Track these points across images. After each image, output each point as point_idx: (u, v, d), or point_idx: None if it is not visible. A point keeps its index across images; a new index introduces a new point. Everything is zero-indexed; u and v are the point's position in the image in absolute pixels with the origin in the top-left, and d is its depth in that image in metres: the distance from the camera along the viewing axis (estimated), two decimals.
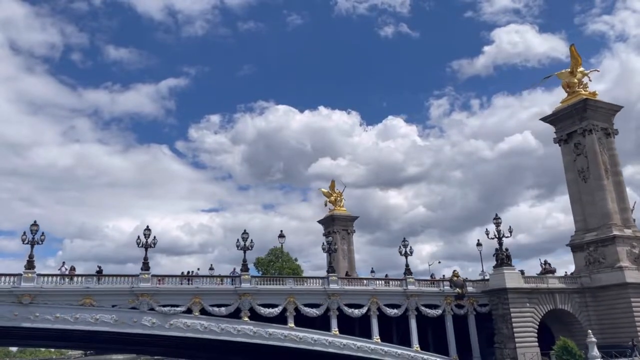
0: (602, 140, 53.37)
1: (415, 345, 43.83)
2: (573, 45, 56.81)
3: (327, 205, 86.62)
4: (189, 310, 38.05)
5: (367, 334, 42.90)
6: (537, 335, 45.24)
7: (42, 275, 35.64)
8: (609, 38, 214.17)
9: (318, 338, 40.42)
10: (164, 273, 42.36)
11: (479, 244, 59.64)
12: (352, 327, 43.45)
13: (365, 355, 41.47)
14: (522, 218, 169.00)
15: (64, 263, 40.68)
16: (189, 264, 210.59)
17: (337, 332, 41.49)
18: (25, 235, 35.91)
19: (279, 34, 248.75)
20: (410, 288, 45.51)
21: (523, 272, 49.76)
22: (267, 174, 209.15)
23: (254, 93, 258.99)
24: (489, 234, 48.07)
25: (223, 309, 38.75)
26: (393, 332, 45.29)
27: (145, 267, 38.11)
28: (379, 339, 42.71)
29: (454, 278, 47.99)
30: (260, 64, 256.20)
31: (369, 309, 43.52)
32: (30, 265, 35.05)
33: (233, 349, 47.19)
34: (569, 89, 55.84)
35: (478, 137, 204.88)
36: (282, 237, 56.51)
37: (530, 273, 50.38)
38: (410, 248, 47.41)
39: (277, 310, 40.15)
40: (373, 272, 61.50)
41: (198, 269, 49.85)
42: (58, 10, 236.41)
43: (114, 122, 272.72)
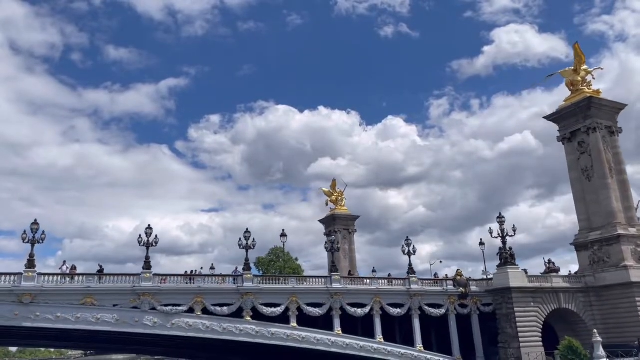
0: (606, 139, 53.02)
1: (419, 345, 43.53)
2: (577, 43, 56.19)
3: (328, 205, 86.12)
4: (191, 310, 37.71)
5: (370, 334, 42.60)
6: (541, 335, 44.94)
7: (42, 275, 35.23)
8: (609, 38, 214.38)
9: (321, 338, 40.13)
10: (164, 273, 41.81)
11: (482, 243, 59.52)
12: (354, 326, 43.11)
13: (369, 355, 41.19)
14: (522, 218, 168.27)
15: (65, 262, 40.41)
16: (189, 264, 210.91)
17: (339, 331, 41.18)
18: (26, 234, 35.50)
19: (279, 34, 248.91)
20: (414, 287, 45.22)
21: (526, 271, 49.45)
22: (267, 174, 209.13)
23: (254, 93, 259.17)
24: (493, 233, 47.88)
25: (225, 309, 38.41)
26: (396, 331, 45.05)
27: (147, 266, 37.74)
28: (382, 339, 42.42)
29: (458, 277, 47.68)
30: (260, 64, 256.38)
31: (372, 309, 43.22)
32: (31, 264, 34.68)
33: (234, 349, 46.85)
34: (573, 87, 55.47)
35: (478, 137, 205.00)
36: (284, 236, 56.30)
37: (531, 273, 50.02)
38: (414, 247, 47.09)
39: (279, 310, 39.81)
40: (374, 271, 61.16)
41: (201, 268, 49.63)
42: (58, 10, 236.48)
43: (114, 122, 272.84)
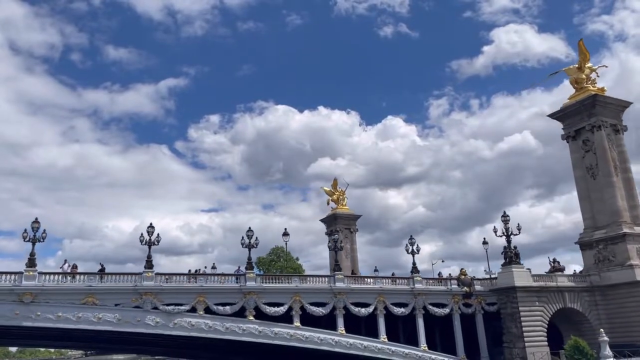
0: (611, 137, 52.53)
1: (423, 345, 43.15)
2: (581, 40, 55.83)
3: (329, 204, 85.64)
4: (193, 309, 37.30)
5: (373, 334, 42.20)
6: (546, 335, 44.55)
7: (43, 274, 34.79)
8: (608, 38, 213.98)
9: (324, 337, 39.72)
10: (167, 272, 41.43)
11: (485, 242, 59.29)
12: (358, 326, 42.69)
13: (372, 355, 40.79)
14: (521, 218, 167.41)
15: (66, 261, 40.06)
16: (189, 264, 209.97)
17: (343, 331, 40.77)
18: (27, 233, 35.04)
19: (279, 34, 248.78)
20: (418, 287, 44.84)
21: (530, 270, 49.02)
22: (266, 174, 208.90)
23: (254, 93, 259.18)
24: (497, 232, 47.50)
25: (228, 308, 38.02)
26: (400, 331, 44.58)
27: (149, 265, 37.30)
28: (386, 339, 42.03)
29: (462, 276, 47.33)
30: (260, 64, 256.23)
31: (376, 308, 42.81)
32: (32, 263, 34.25)
33: (236, 349, 46.45)
34: (577, 85, 54.89)
35: (477, 137, 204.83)
36: (286, 235, 56.05)
37: (533, 273, 49.52)
38: (417, 246, 46.73)
39: (282, 309, 39.41)
40: (377, 270, 60.81)
41: (205, 267, 49.34)
42: (57, 11, 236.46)
43: (114, 122, 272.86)
